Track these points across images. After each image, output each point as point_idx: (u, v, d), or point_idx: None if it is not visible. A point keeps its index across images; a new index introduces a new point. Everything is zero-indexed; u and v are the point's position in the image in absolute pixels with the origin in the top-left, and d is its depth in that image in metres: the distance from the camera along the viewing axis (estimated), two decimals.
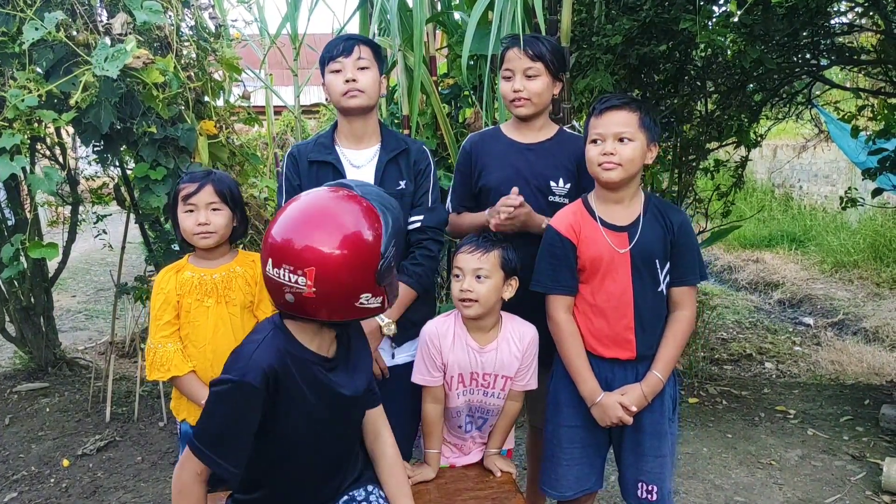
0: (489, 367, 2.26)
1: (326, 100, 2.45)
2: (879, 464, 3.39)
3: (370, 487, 1.94)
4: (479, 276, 2.19)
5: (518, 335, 2.28)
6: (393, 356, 2.45)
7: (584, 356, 2.22)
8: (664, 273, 2.21)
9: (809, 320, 6.78)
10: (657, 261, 2.19)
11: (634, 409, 2.18)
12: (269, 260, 1.62)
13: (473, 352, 2.24)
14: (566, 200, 2.48)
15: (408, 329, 2.41)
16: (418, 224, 2.38)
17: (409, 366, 2.42)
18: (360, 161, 2.40)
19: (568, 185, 2.51)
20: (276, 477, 1.78)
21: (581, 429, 2.29)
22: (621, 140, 2.14)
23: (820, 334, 6.24)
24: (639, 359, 2.22)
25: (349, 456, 1.93)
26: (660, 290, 2.20)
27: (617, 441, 2.30)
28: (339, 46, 2.30)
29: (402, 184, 2.38)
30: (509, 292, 2.25)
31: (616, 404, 2.19)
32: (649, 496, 2.23)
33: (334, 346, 1.80)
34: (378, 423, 2.02)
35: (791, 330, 6.43)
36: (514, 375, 2.28)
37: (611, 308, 2.20)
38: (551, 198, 2.51)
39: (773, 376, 5.07)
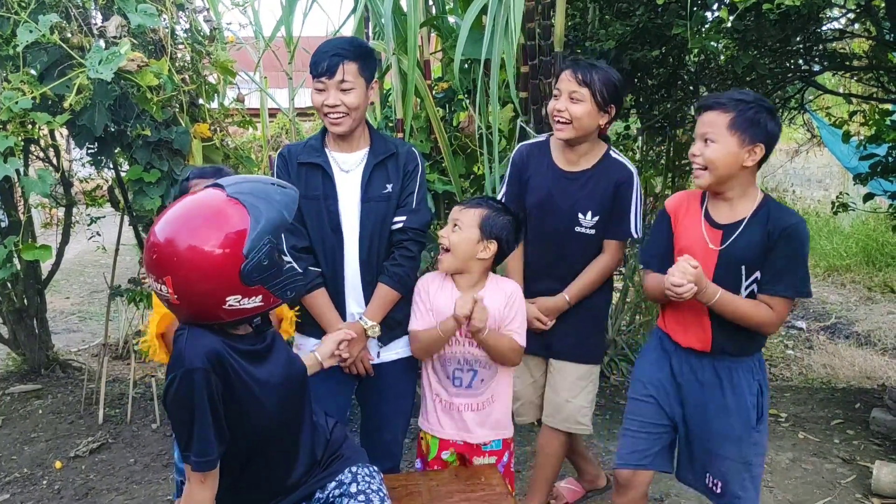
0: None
1: None
2: (869, 467, 3.41)
3: (354, 468, 1.96)
4: (455, 226, 2.34)
5: (501, 289, 2.42)
6: (378, 355, 2.48)
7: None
8: (749, 280, 2.19)
9: (802, 324, 6.80)
10: (743, 267, 2.18)
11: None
12: (147, 272, 1.63)
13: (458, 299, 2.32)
14: (592, 231, 2.64)
15: (393, 328, 2.46)
16: (400, 225, 2.41)
17: (396, 364, 2.47)
18: (349, 165, 2.42)
19: (595, 219, 2.64)
20: (241, 461, 1.78)
21: (643, 403, 2.39)
22: (706, 141, 2.14)
23: (812, 338, 6.26)
24: (714, 351, 2.25)
25: (311, 431, 1.93)
26: (740, 293, 2.18)
27: (689, 436, 2.35)
28: (324, 65, 2.29)
29: (389, 187, 2.40)
30: (486, 253, 2.36)
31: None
32: (714, 488, 2.30)
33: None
34: None
35: (783, 334, 6.44)
36: (496, 326, 2.36)
37: (689, 301, 2.18)
38: (577, 228, 2.65)
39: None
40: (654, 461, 2.39)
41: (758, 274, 2.17)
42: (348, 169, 2.42)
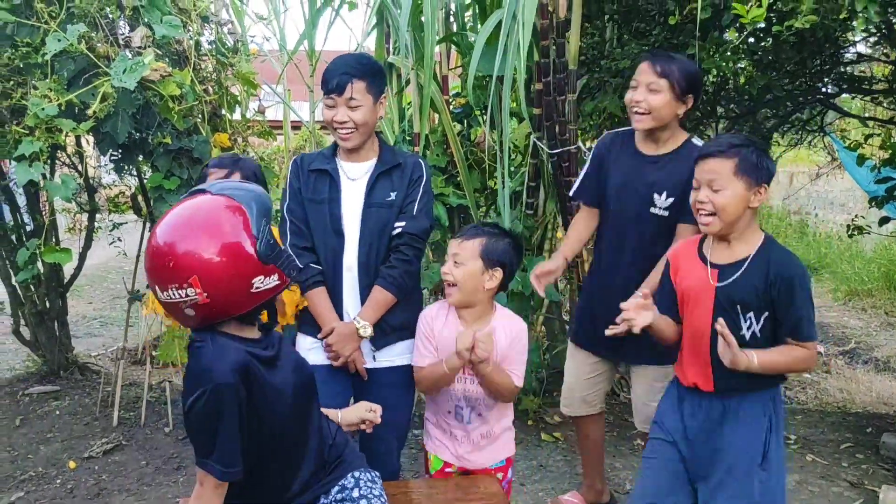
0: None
1: None
2: (877, 491, 3.38)
3: (357, 473, 2.00)
4: (456, 262, 2.33)
5: (508, 327, 2.40)
6: (374, 358, 2.53)
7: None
8: (748, 323, 2.19)
9: (821, 348, 6.74)
10: (739, 307, 2.18)
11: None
12: (156, 287, 1.67)
13: None
14: (666, 213, 2.66)
15: (387, 333, 2.50)
16: (399, 230, 2.46)
17: (392, 372, 2.51)
18: (356, 174, 2.51)
19: (670, 200, 2.66)
20: (250, 466, 1.81)
21: (666, 443, 2.37)
22: (714, 189, 2.15)
23: (830, 362, 6.21)
24: (717, 392, 2.24)
25: (318, 435, 1.97)
26: (742, 334, 2.18)
27: (696, 475, 2.33)
28: (333, 82, 2.38)
29: (393, 195, 2.47)
30: (492, 282, 2.35)
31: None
32: None
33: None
34: None
35: None
36: (498, 361, 2.35)
37: (692, 337, 2.26)
38: (653, 209, 2.69)
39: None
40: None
41: (752, 316, 2.18)
42: (355, 177, 2.50)
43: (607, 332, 2.33)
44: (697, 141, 2.73)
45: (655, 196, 2.68)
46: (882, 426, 4.24)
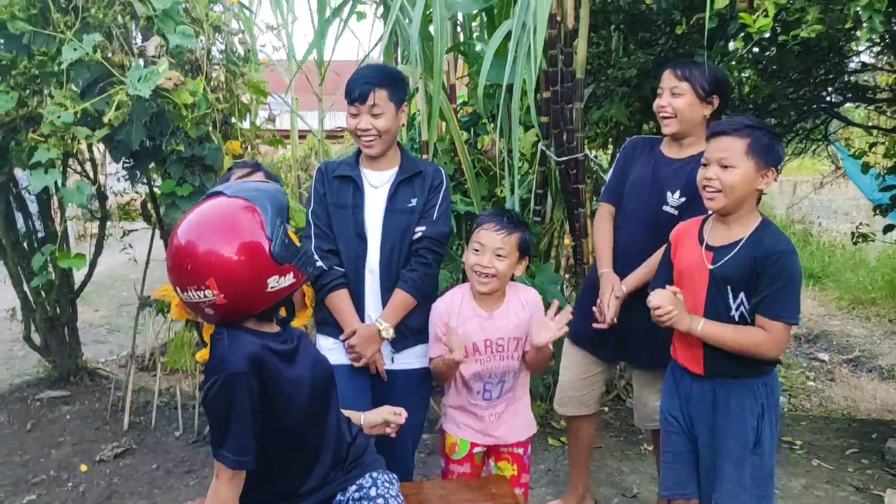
0: (501, 331, 2.43)
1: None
2: (882, 496, 3.41)
3: (374, 474, 2.03)
4: (498, 255, 2.38)
5: (523, 299, 2.49)
6: (393, 360, 2.59)
7: None
8: (737, 302, 2.24)
9: (825, 356, 6.75)
10: (729, 287, 2.22)
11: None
12: (177, 288, 1.73)
13: (484, 319, 2.43)
14: (676, 213, 2.71)
15: (406, 336, 2.57)
16: (419, 234, 2.53)
17: (410, 375, 2.57)
18: (378, 182, 2.59)
19: (682, 199, 2.70)
20: (267, 460, 1.85)
21: (674, 433, 2.43)
22: (724, 167, 2.19)
23: (835, 370, 6.22)
24: (708, 375, 2.30)
25: (336, 432, 2.01)
26: (731, 315, 2.23)
27: (701, 458, 2.38)
28: (356, 92, 2.46)
29: (414, 202, 2.55)
30: (520, 270, 2.47)
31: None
32: None
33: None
34: None
35: (805, 365, 6.41)
36: (524, 337, 2.44)
37: None
38: (665, 207, 2.74)
39: (785, 409, 5.07)
40: (697, 489, 2.41)
41: (742, 295, 2.22)
42: (378, 185, 2.58)
43: (594, 326, 2.60)
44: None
45: (668, 194, 2.72)
46: (887, 432, 4.27)
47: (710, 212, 2.35)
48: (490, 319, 2.44)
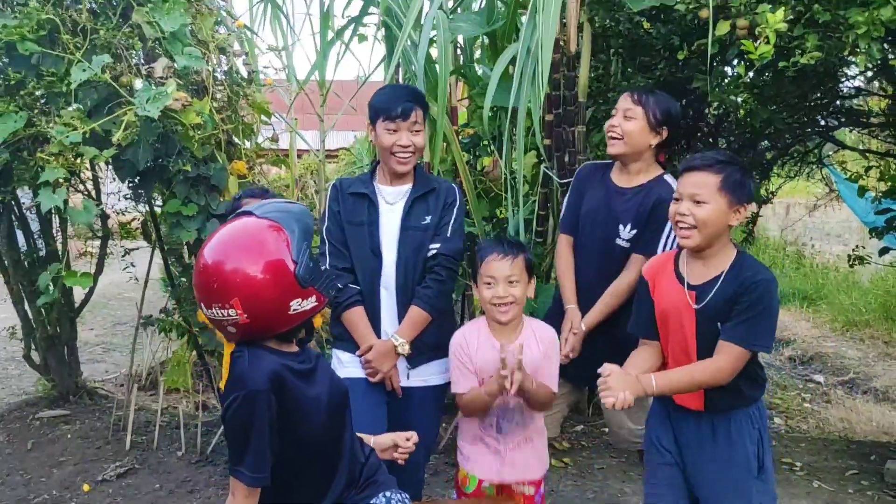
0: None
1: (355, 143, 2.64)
2: None
3: (388, 493, 2.04)
4: (511, 282, 2.37)
5: (539, 335, 2.48)
6: (408, 376, 2.61)
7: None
8: None
9: (820, 378, 6.79)
10: (719, 324, 2.19)
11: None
12: (201, 304, 1.75)
13: (499, 352, 2.35)
14: (628, 245, 2.74)
15: (423, 352, 2.59)
16: (434, 251, 2.57)
17: (424, 392, 2.58)
18: (393, 198, 2.63)
19: (633, 232, 2.73)
20: (283, 478, 1.86)
21: (665, 465, 2.39)
22: (697, 202, 2.16)
23: (830, 392, 6.26)
24: (707, 410, 2.27)
25: (350, 452, 2.02)
26: None
27: (698, 490, 2.35)
28: (398, 109, 2.50)
29: (428, 219, 2.59)
30: (530, 291, 2.46)
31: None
32: None
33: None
34: None
35: (801, 387, 6.44)
36: (532, 371, 2.39)
37: (678, 359, 2.28)
38: (617, 240, 2.77)
39: (782, 431, 5.10)
40: None
41: None
42: (392, 201, 2.62)
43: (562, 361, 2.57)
44: (670, 178, 2.77)
45: (620, 227, 2.76)
46: (885, 454, 4.29)
47: (676, 246, 2.35)
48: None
